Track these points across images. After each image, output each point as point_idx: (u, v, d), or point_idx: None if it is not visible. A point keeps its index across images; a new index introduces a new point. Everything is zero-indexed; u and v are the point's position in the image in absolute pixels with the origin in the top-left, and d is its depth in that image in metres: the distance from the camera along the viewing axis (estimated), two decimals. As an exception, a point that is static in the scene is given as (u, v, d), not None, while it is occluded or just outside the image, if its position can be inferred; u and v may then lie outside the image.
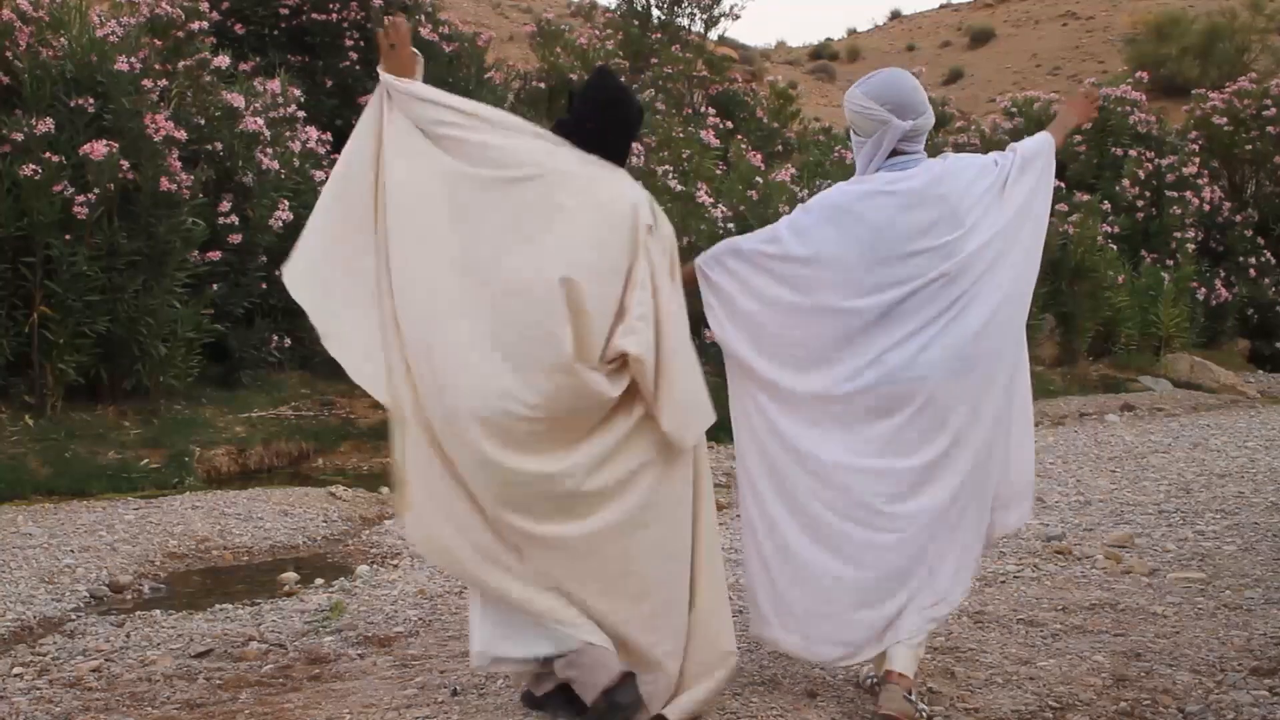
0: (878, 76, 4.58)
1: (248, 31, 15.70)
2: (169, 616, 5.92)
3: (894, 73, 4.61)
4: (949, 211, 4.38)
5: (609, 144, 4.23)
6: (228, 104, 11.88)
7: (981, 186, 4.46)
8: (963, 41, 48.17)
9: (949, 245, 4.37)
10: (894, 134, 4.45)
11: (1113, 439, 12.07)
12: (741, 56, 34.51)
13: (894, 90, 4.47)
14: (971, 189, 4.43)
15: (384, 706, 4.36)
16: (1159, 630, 5.36)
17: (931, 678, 4.68)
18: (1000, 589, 6.15)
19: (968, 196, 4.41)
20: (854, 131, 4.61)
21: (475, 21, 24.22)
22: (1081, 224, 18.21)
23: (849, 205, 4.44)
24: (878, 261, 4.37)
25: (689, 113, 20.26)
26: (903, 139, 4.47)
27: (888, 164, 4.49)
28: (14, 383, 10.02)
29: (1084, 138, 21.16)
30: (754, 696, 4.47)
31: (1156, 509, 8.18)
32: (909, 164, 4.48)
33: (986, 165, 4.53)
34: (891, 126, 4.44)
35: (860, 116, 4.50)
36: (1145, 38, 38.12)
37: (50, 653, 5.26)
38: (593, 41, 20.03)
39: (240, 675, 4.86)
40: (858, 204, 4.43)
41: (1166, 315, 18.81)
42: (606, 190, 4.12)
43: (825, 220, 4.45)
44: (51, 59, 10.53)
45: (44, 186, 9.75)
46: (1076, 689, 4.58)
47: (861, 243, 4.38)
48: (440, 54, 16.14)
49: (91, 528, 7.72)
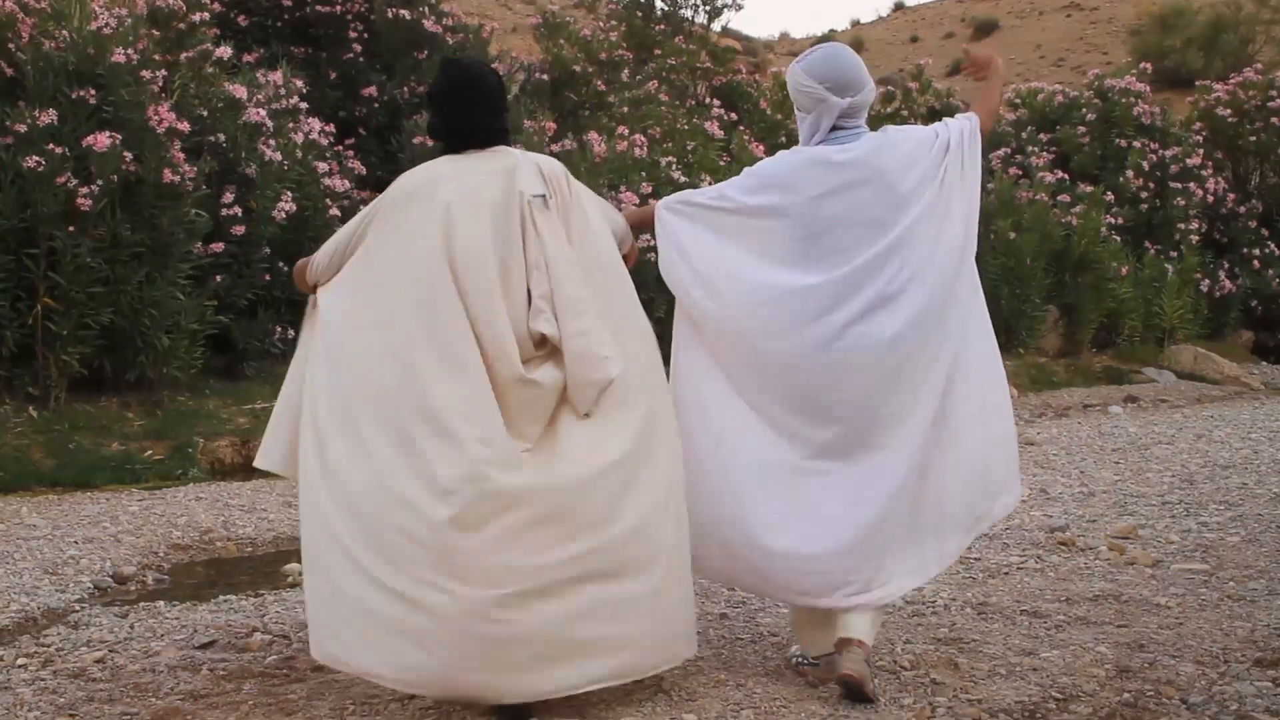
0: (818, 53, 4.69)
1: (250, 23, 15.68)
2: (173, 608, 5.93)
3: (833, 49, 4.74)
4: (886, 184, 4.48)
5: (475, 129, 4.33)
6: (230, 95, 11.88)
7: (921, 159, 4.54)
8: (966, 33, 48.11)
9: (886, 218, 4.46)
10: (832, 110, 4.56)
11: (1116, 430, 12.07)
12: (745, 48, 34.45)
13: (833, 68, 4.59)
14: (911, 162, 4.53)
15: (387, 698, 4.37)
16: (1162, 621, 5.35)
17: (935, 668, 4.68)
18: (1003, 580, 6.15)
19: (907, 170, 4.51)
20: (796, 108, 4.72)
21: (479, 13, 24.22)
22: (1085, 215, 18.21)
23: (788, 174, 4.58)
24: (817, 231, 4.49)
25: (692, 104, 20.25)
26: (842, 114, 4.58)
27: (829, 138, 4.60)
28: (18, 374, 10.02)
29: (1087, 129, 21.14)
30: (757, 687, 4.47)
31: (1160, 500, 8.18)
32: (849, 138, 4.58)
33: (926, 138, 4.61)
34: (829, 103, 4.56)
35: (800, 94, 4.62)
36: (1149, 29, 38.07)
37: (54, 644, 5.26)
38: (596, 33, 19.99)
39: (244, 666, 4.87)
40: (795, 173, 4.56)
41: (1170, 307, 18.81)
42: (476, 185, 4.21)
43: (767, 185, 4.60)
44: (54, 50, 10.53)
45: (47, 178, 9.75)
46: (1080, 680, 4.57)
47: (800, 211, 4.51)
48: (444, 45, 16.13)
49: (95, 519, 7.73)
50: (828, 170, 4.51)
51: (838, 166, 4.51)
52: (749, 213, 4.60)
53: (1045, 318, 17.62)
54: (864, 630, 4.42)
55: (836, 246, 4.48)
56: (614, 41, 20.05)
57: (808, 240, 4.51)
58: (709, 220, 4.68)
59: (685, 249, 4.69)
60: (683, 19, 22.94)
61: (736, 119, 19.67)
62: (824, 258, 4.48)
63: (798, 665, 4.73)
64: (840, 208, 4.48)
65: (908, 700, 4.34)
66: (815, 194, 4.50)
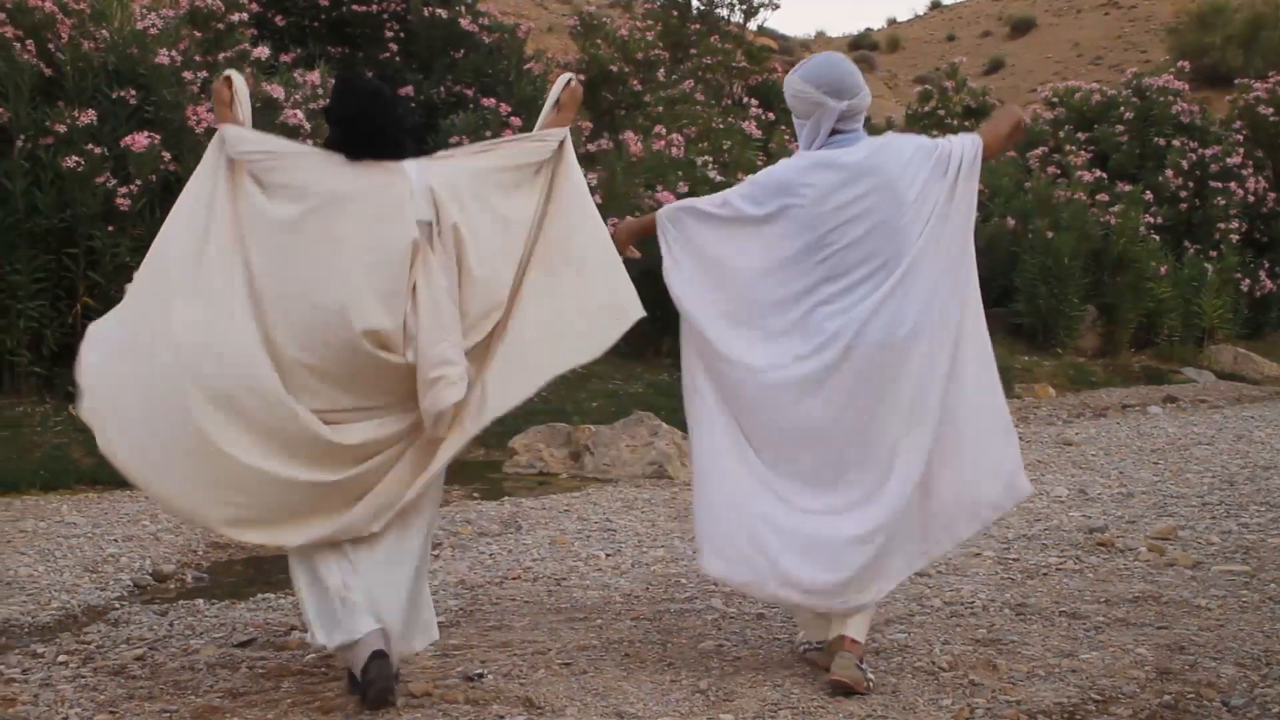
0: (813, 61, 4.81)
1: (288, 23, 15.76)
2: (211, 606, 5.95)
3: (829, 56, 4.85)
4: (889, 186, 4.55)
5: (374, 142, 4.40)
6: (268, 95, 11.91)
7: (922, 165, 4.61)
8: (1003, 31, 47.95)
9: (891, 221, 4.53)
10: (830, 115, 4.65)
11: (1155, 431, 11.99)
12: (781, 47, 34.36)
13: (828, 73, 4.68)
14: (910, 167, 4.59)
15: (423, 694, 4.39)
16: (1203, 623, 5.32)
17: (973, 669, 4.66)
18: (1042, 581, 6.12)
19: (905, 174, 4.57)
20: (795, 115, 4.79)
21: (515, 12, 24.23)
22: (1123, 215, 18.10)
23: (793, 177, 4.66)
24: (823, 233, 4.56)
25: (728, 103, 20.22)
26: (840, 119, 4.66)
27: (829, 142, 4.67)
28: (58, 373, 10.07)
29: (1126, 128, 21.02)
30: (794, 687, 4.47)
31: (1200, 501, 8.12)
32: (848, 141, 4.66)
33: (925, 146, 4.68)
34: (827, 108, 4.64)
35: (797, 100, 4.72)
36: (1188, 26, 37.80)
37: (95, 641, 5.29)
38: (632, 32, 19.99)
39: (282, 664, 4.88)
40: (800, 176, 4.64)
41: (1210, 306, 18.69)
42: (376, 207, 4.32)
43: (772, 192, 4.67)
44: (93, 51, 10.59)
45: (86, 178, 9.81)
46: (1119, 682, 4.55)
47: (804, 214, 4.58)
48: (480, 45, 16.16)
49: (135, 517, 7.77)
50: (833, 171, 4.59)
51: (842, 168, 4.59)
52: (755, 221, 4.68)
53: (1083, 317, 17.53)
54: (857, 628, 4.53)
55: (842, 251, 4.55)
56: (650, 41, 20.05)
57: (814, 246, 4.58)
58: (713, 227, 4.76)
59: (686, 256, 4.79)
60: (719, 18, 22.91)
61: (774, 118, 19.63)
62: (829, 262, 4.56)
63: (804, 652, 4.81)
64: (847, 209, 4.55)
65: (946, 701, 4.33)
66: (822, 194, 4.57)
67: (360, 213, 4.31)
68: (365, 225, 4.29)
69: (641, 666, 4.75)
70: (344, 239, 4.27)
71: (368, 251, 4.27)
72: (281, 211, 4.33)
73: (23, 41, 10.44)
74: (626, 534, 7.43)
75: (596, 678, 4.60)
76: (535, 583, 6.27)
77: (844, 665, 4.41)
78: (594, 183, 12.76)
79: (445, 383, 4.26)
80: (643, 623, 5.43)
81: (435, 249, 4.34)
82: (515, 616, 5.58)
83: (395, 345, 4.29)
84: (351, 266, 4.26)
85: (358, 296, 4.24)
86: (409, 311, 4.28)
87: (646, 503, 8.48)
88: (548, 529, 7.47)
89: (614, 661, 4.81)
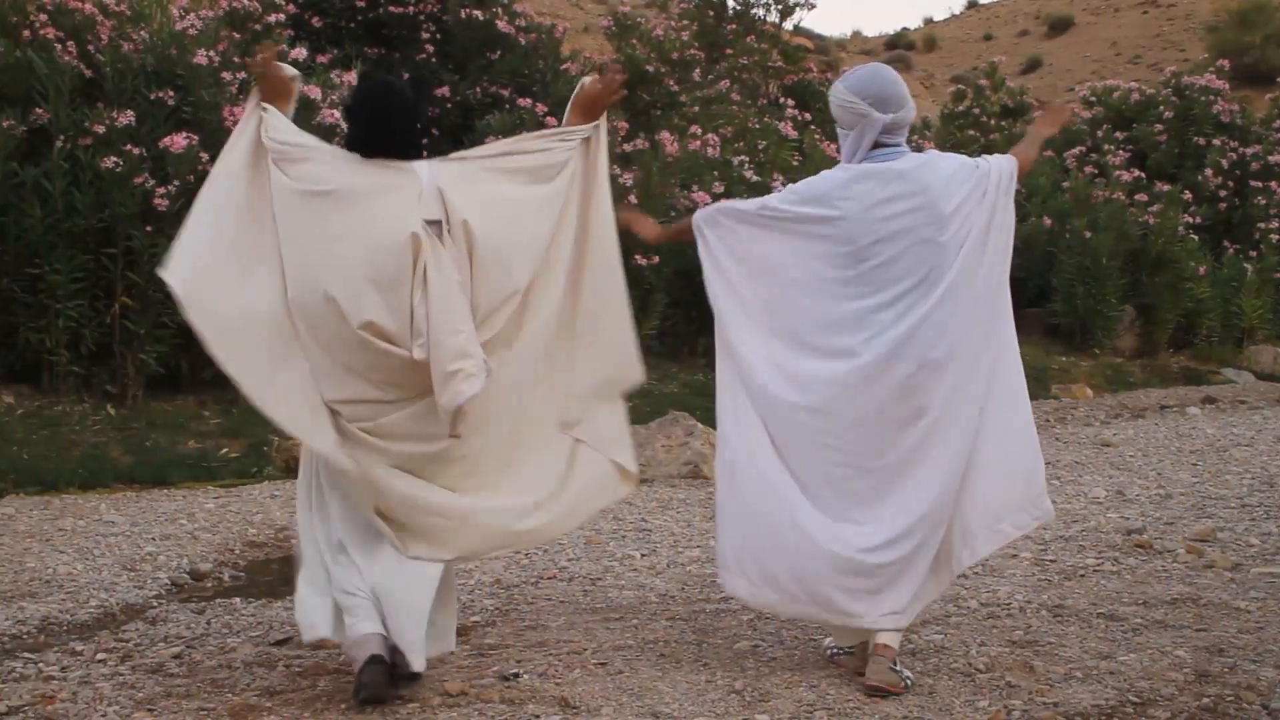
0: (860, 71, 4.81)
1: (324, 24, 15.80)
2: (249, 604, 5.98)
3: (875, 68, 4.84)
4: (931, 201, 4.55)
5: (389, 140, 4.47)
6: (304, 96, 11.95)
7: (963, 182, 4.62)
8: (1041, 30, 47.76)
9: (933, 236, 4.53)
10: (874, 126, 4.63)
11: (1194, 432, 11.91)
12: (817, 47, 34.30)
13: (874, 85, 4.67)
14: (951, 184, 4.60)
15: (459, 694, 4.39)
16: (1242, 625, 5.29)
17: (1010, 671, 4.65)
18: (1080, 582, 6.09)
19: (946, 190, 4.58)
20: (839, 125, 4.78)
21: (551, 13, 24.25)
22: (1162, 214, 17.98)
23: (834, 190, 4.65)
24: (864, 245, 4.55)
25: (764, 103, 20.19)
26: (884, 131, 4.65)
27: (871, 155, 4.66)
28: (96, 373, 10.15)
29: (1165, 127, 20.90)
30: (830, 688, 4.46)
31: (1239, 503, 8.07)
32: (890, 155, 4.65)
33: (967, 165, 4.70)
34: (871, 120, 4.63)
35: (843, 110, 4.70)
36: (1228, 25, 37.62)
37: (133, 639, 5.31)
38: (668, 32, 19.98)
39: (319, 663, 4.90)
40: (841, 188, 4.63)
41: (1249, 306, 18.56)
42: (383, 205, 4.35)
43: (813, 200, 4.67)
44: (132, 52, 10.65)
45: (125, 178, 9.87)
46: (1158, 684, 4.52)
47: (843, 226, 4.58)
48: (516, 46, 16.18)
49: (172, 516, 7.81)
50: (876, 184, 4.59)
51: (885, 180, 4.58)
52: (795, 219, 4.68)
53: (1121, 317, 17.44)
54: (889, 634, 4.54)
55: (880, 266, 4.55)
56: (686, 41, 20.04)
57: (853, 256, 4.58)
58: (750, 227, 4.77)
59: (725, 256, 4.80)
60: (754, 18, 22.86)
61: (810, 118, 19.60)
62: (865, 277, 4.57)
63: (833, 656, 4.83)
64: (887, 223, 4.55)
65: (983, 703, 4.31)
66: (864, 207, 4.57)
67: (363, 209, 4.36)
68: (365, 221, 4.34)
69: (677, 667, 4.74)
70: (342, 235, 4.34)
71: (364, 247, 4.31)
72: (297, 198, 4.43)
73: (63, 43, 10.52)
74: (662, 534, 7.43)
75: (632, 678, 4.60)
76: (571, 583, 6.27)
77: (878, 670, 4.42)
78: (629, 183, 12.75)
79: (464, 375, 4.26)
80: (678, 623, 5.43)
81: (446, 244, 4.37)
82: (551, 616, 5.59)
83: (399, 340, 4.31)
84: (348, 261, 4.31)
85: (354, 290, 4.29)
86: (417, 305, 4.29)
87: (682, 503, 8.48)
88: (583, 529, 7.47)
89: (649, 662, 4.81)
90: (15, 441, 9.20)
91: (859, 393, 4.53)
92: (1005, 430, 4.64)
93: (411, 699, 4.37)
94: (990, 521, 4.63)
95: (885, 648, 4.49)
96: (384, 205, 4.36)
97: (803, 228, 4.65)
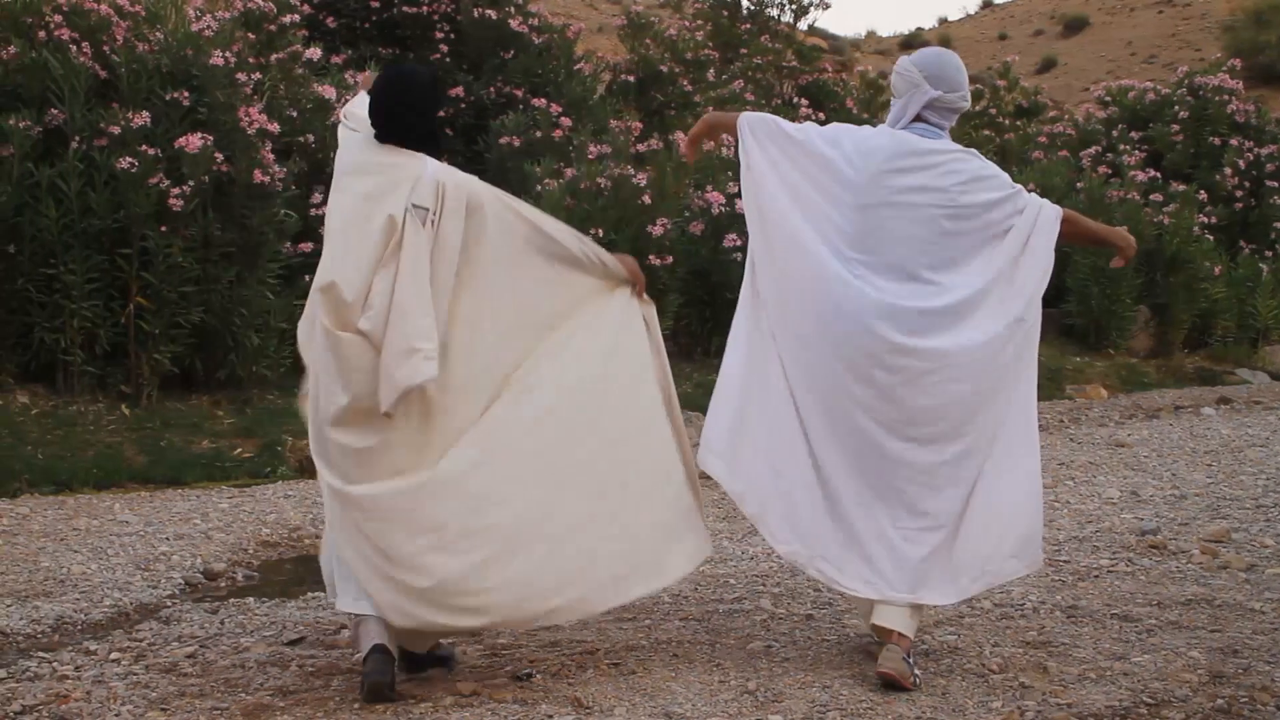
0: (928, 49, 4.96)
1: (339, 25, 15.86)
2: (262, 604, 5.99)
3: (943, 50, 4.99)
4: (946, 185, 4.62)
5: (405, 128, 4.51)
6: (319, 96, 12.00)
7: (989, 190, 4.68)
8: (1056, 29, 47.62)
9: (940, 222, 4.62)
10: (919, 98, 4.74)
11: (1209, 432, 11.87)
12: (831, 46, 34.28)
13: (934, 62, 4.80)
14: (975, 183, 4.66)
15: (471, 694, 4.40)
16: (1256, 626, 5.27)
17: (1024, 672, 4.64)
18: (1094, 583, 6.08)
19: (971, 185, 4.65)
20: (893, 94, 4.88)
21: (564, 13, 24.29)
22: (1177, 214, 17.91)
23: (862, 141, 4.75)
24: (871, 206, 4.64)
25: (778, 103, 20.18)
26: (928, 107, 4.74)
27: (911, 127, 4.75)
28: (111, 372, 10.18)
29: (1180, 127, 20.84)
30: (843, 689, 4.46)
31: (1254, 503, 8.05)
32: (929, 133, 4.74)
33: (1003, 179, 4.76)
34: (920, 90, 4.73)
35: (899, 77, 4.84)
36: (1243, 24, 37.47)
37: (146, 638, 5.33)
38: (682, 32, 19.99)
39: (332, 663, 4.91)
40: (867, 141, 4.74)
41: (1264, 307, 18.50)
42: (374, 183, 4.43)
43: (840, 142, 4.76)
44: (148, 53, 10.68)
45: (140, 179, 9.89)
46: (1172, 685, 4.51)
47: (862, 181, 4.66)
48: (530, 45, 16.20)
49: (186, 516, 7.83)
50: (900, 147, 4.66)
51: (910, 149, 4.66)
52: (818, 159, 4.74)
53: (1136, 318, 17.40)
54: (902, 622, 4.58)
55: (886, 239, 4.63)
56: (700, 41, 20.05)
57: (862, 213, 4.64)
58: (787, 147, 4.83)
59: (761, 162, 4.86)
60: (769, 18, 22.88)
61: (824, 119, 19.58)
62: (870, 241, 4.64)
63: (866, 643, 4.92)
64: (900, 191, 4.62)
65: (996, 704, 4.31)
66: (880, 168, 4.64)
67: (359, 187, 4.45)
68: (359, 199, 4.43)
69: (690, 667, 4.74)
70: (336, 209, 4.49)
71: (350, 224, 4.41)
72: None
73: (79, 44, 10.54)
74: (675, 534, 7.40)
75: (645, 678, 4.60)
76: (584, 582, 6.26)
77: (890, 657, 4.45)
78: (643, 183, 12.75)
79: (423, 356, 4.28)
80: (691, 623, 5.43)
81: (426, 228, 4.39)
82: (563, 616, 5.58)
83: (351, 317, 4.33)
84: (340, 236, 4.42)
85: (340, 266, 4.36)
86: (378, 279, 4.32)
87: (695, 503, 8.46)
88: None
89: (662, 662, 4.81)
90: (30, 441, 9.24)
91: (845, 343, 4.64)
92: (1017, 470, 4.68)
93: (424, 698, 4.38)
94: (980, 560, 4.66)
95: (901, 636, 4.53)
96: (374, 183, 4.43)
97: (823, 167, 4.74)
